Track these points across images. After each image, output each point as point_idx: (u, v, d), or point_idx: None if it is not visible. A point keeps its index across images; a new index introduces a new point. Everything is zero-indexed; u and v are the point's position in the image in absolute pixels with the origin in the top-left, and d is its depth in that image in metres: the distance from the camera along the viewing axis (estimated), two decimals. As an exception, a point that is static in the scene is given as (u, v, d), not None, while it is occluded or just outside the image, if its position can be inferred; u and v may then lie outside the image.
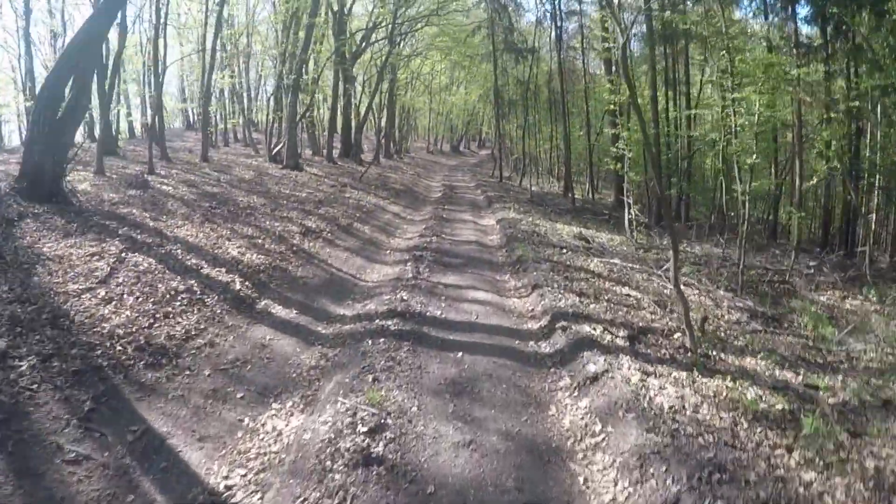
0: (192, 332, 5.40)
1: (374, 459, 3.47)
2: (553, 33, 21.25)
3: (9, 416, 3.53)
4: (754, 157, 8.55)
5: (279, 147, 18.78)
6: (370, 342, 5.34)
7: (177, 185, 12.34)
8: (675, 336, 5.82)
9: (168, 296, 5.92)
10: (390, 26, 23.50)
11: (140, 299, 5.65)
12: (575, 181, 30.06)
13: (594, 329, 5.64)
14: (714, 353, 5.56)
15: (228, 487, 3.41)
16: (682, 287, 5.69)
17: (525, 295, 7.17)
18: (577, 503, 3.31)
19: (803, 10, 13.05)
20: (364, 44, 24.73)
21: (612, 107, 11.78)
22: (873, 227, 12.19)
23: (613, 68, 17.12)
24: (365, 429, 3.78)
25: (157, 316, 5.47)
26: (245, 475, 3.52)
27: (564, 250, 9.56)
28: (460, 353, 5.22)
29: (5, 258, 5.60)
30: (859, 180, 12.42)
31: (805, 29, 13.71)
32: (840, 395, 4.56)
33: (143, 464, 3.54)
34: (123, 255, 6.57)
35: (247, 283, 6.82)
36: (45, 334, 4.51)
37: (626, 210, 12.73)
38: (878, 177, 11.86)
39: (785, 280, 9.71)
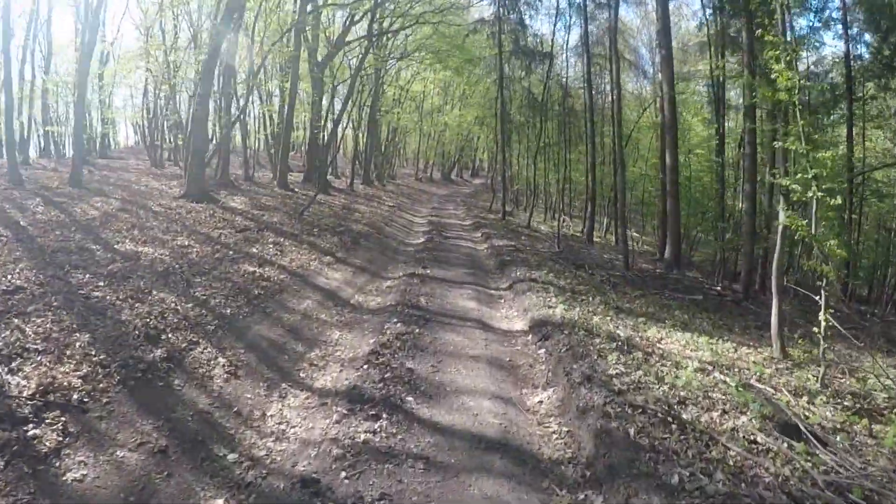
0: None
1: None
2: (582, 28, 14.80)
3: None
4: None
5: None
6: None
7: None
8: None
9: None
10: (370, 15, 16.94)
11: None
12: (577, 216, 23.47)
13: None
14: None
15: None
16: None
17: None
18: None
19: None
20: (338, 40, 18.16)
21: (781, 95, 5.04)
22: None
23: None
24: None
25: None
26: None
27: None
28: None
29: None
30: None
31: None
32: None
33: None
34: None
35: None
36: None
37: (779, 304, 5.98)
38: None
39: None
